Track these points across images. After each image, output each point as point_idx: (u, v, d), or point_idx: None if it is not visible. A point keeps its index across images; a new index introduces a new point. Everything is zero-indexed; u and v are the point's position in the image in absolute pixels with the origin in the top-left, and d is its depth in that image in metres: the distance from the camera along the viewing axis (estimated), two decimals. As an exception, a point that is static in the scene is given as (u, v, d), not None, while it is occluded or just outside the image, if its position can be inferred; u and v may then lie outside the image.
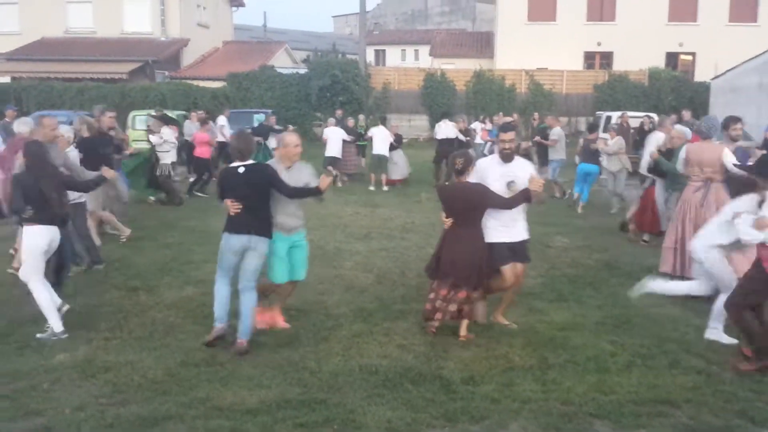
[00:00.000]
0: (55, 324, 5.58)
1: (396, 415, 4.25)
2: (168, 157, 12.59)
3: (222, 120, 17.17)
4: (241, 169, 5.42)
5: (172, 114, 18.14)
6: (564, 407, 4.38)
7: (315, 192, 5.56)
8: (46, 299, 5.60)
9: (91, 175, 6.87)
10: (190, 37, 32.86)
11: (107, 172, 6.26)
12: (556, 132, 14.15)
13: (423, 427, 4.12)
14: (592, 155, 12.22)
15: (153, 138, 12.59)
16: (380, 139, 15.49)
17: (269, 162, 5.83)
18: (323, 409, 4.32)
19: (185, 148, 15.85)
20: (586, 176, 12.38)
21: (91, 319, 6.08)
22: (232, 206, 5.35)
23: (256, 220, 5.40)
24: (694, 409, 4.38)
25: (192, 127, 15.25)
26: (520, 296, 6.93)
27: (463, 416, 4.25)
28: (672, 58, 32.56)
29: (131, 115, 21.06)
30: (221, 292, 5.53)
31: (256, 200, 5.40)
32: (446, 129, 15.99)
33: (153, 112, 15.90)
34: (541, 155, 14.76)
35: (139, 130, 18.71)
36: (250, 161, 5.51)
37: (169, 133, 12.78)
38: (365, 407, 4.36)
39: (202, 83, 27.95)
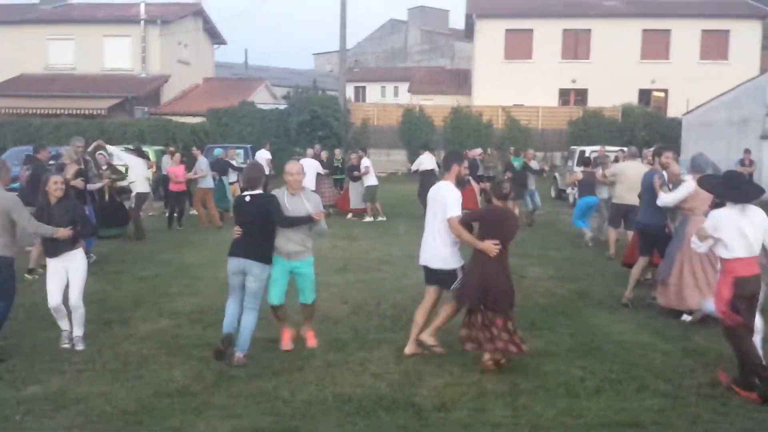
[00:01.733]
0: None
1: (368, 442, 4.28)
2: (135, 187, 12.64)
3: (263, 153, 18.62)
4: (248, 198, 5.88)
5: (149, 149, 18.20)
6: (534, 431, 4.45)
7: (307, 220, 5.86)
8: None
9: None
10: (171, 74, 33.11)
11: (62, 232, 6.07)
12: (534, 164, 14.65)
13: (394, 452, 4.16)
14: (590, 188, 12.32)
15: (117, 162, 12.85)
16: (371, 169, 15.84)
17: (275, 191, 6.09)
18: (295, 437, 4.34)
19: (163, 182, 15.89)
20: (588, 209, 12.51)
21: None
22: (235, 231, 5.88)
23: (253, 245, 5.79)
24: (660, 430, 4.47)
25: (170, 163, 15.31)
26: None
27: (434, 442, 4.30)
28: (645, 94, 33.40)
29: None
30: (230, 308, 5.94)
31: (256, 227, 5.79)
32: (429, 161, 16.27)
33: (131, 147, 16.02)
34: (515, 188, 15.08)
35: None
36: (258, 191, 5.91)
37: (137, 163, 12.83)
38: (337, 434, 4.39)
39: (181, 119, 28.08)
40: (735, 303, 5.18)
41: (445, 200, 5.81)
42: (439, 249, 5.91)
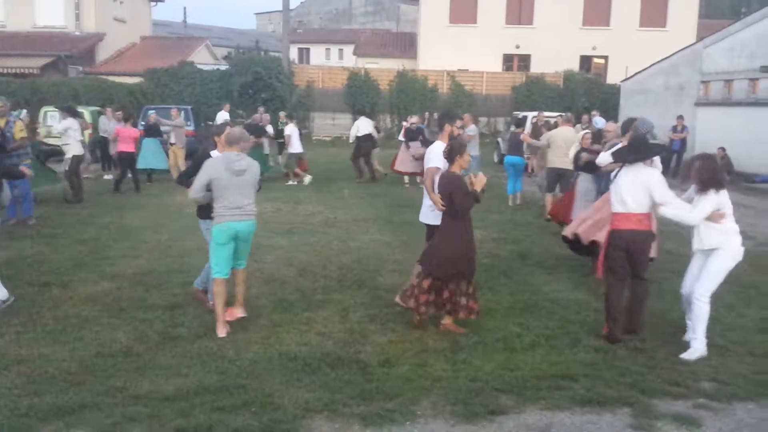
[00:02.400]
0: None
1: (314, 397, 4.38)
2: (71, 150, 12.20)
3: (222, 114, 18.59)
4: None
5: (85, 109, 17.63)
6: (472, 384, 4.64)
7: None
8: None
9: None
10: (106, 32, 31.78)
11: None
12: (473, 129, 14.63)
13: (339, 406, 4.27)
14: (517, 148, 12.75)
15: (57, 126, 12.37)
16: (296, 137, 15.71)
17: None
18: (241, 394, 4.40)
19: (100, 144, 15.44)
20: (512, 167, 12.90)
21: (3, 314, 5.92)
22: None
23: None
24: (590, 382, 4.72)
25: (107, 123, 14.82)
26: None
27: (378, 395, 4.43)
28: (586, 61, 34.00)
29: (42, 110, 20.28)
30: None
31: None
32: (365, 126, 16.29)
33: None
34: None
35: (51, 126, 18.25)
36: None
37: (71, 123, 12.29)
38: (283, 391, 4.48)
39: (118, 79, 27.14)
40: (610, 253, 5.60)
41: (430, 155, 6.14)
42: (426, 205, 6.17)
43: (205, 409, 4.17)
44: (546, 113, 19.65)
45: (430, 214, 6.13)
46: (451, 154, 5.68)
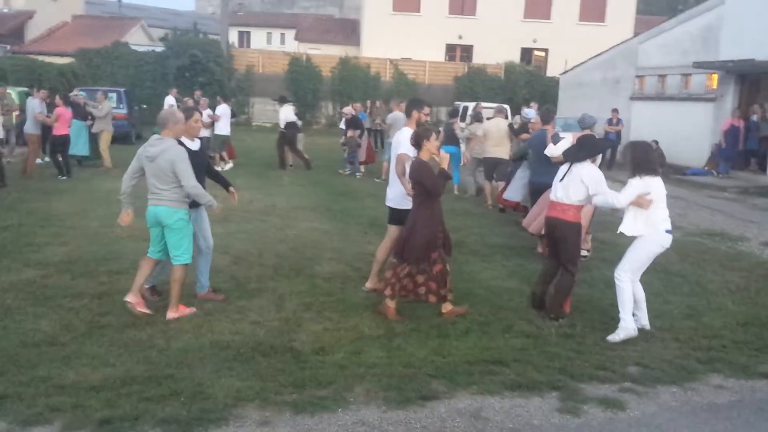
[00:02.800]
0: None
1: (245, 385, 4.32)
2: None
3: (170, 99, 18.73)
4: None
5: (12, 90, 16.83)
6: (405, 370, 4.66)
7: None
8: None
9: None
10: (36, 10, 30.52)
11: None
12: (392, 116, 14.75)
13: (271, 394, 4.22)
14: (453, 138, 12.87)
15: None
16: (226, 117, 15.53)
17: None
18: (170, 383, 4.30)
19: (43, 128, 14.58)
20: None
21: None
22: None
23: None
24: (521, 367, 4.81)
25: (35, 105, 14.13)
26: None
27: (311, 383, 4.40)
28: (527, 53, 34.61)
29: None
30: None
31: None
32: (289, 113, 16.16)
33: None
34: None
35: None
36: None
37: None
38: (214, 380, 4.39)
39: (48, 59, 26.06)
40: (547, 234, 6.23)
41: (399, 141, 6.23)
42: (395, 190, 6.24)
43: (132, 399, 4.06)
44: (484, 104, 19.94)
45: (401, 199, 6.20)
46: (417, 141, 5.75)
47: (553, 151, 7.85)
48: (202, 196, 5.56)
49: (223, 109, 15.47)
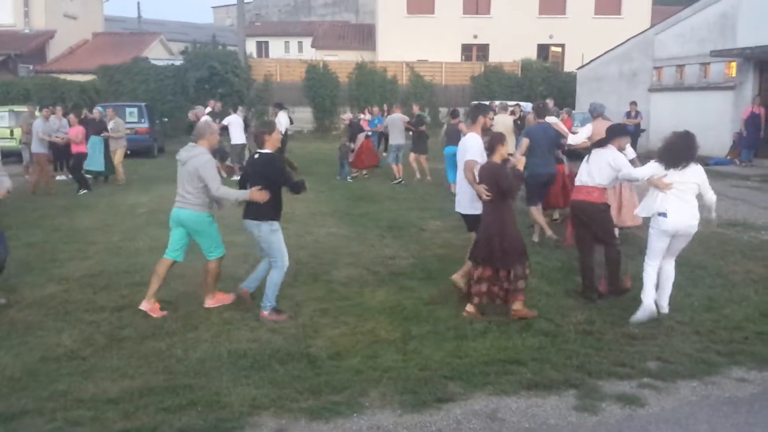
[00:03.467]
0: None
1: (261, 393, 4.35)
2: None
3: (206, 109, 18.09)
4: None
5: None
6: (421, 372, 4.65)
7: None
8: None
9: None
10: (57, 29, 31.02)
11: None
12: (391, 118, 15.03)
13: (287, 402, 4.24)
14: (456, 138, 12.84)
15: None
16: (238, 126, 15.47)
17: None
18: (188, 393, 4.35)
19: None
20: (453, 156, 12.99)
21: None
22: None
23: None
24: (538, 366, 4.77)
25: (38, 125, 13.93)
26: (391, 276, 7.23)
27: (326, 388, 4.42)
28: (543, 49, 34.35)
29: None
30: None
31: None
32: (286, 119, 16.46)
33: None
34: (416, 142, 15.15)
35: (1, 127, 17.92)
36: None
37: None
38: (231, 389, 4.43)
39: (70, 77, 26.51)
40: (574, 221, 6.56)
41: (466, 147, 6.39)
42: (466, 196, 6.42)
43: (150, 411, 4.11)
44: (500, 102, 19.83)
45: (471, 204, 6.37)
46: (492, 145, 5.98)
47: (576, 139, 8.48)
48: (231, 194, 5.90)
49: (233, 119, 15.51)
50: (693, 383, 4.56)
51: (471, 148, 6.32)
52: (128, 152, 15.86)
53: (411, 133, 15.17)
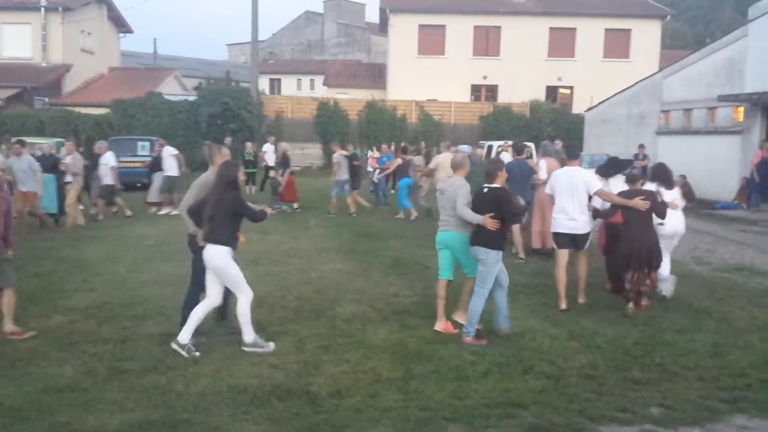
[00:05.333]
0: None
1: (260, 430, 4.34)
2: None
3: (266, 147, 19.44)
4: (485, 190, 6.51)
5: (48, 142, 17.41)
6: (422, 413, 4.62)
7: None
8: None
9: None
10: (74, 63, 31.71)
11: None
12: (335, 157, 16.00)
13: (285, 439, 4.22)
14: (405, 172, 15.50)
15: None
16: (174, 160, 15.46)
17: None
18: (186, 428, 4.34)
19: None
20: (407, 188, 15.36)
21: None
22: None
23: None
24: (540, 409, 4.73)
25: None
26: (394, 313, 7.22)
27: (325, 427, 4.40)
28: (552, 91, 34.70)
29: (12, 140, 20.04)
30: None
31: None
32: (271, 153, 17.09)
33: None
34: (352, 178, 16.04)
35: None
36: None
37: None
38: (230, 424, 4.42)
39: (84, 110, 26.96)
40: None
41: (586, 178, 7.56)
42: (583, 218, 7.54)
43: (148, 445, 4.10)
44: (510, 142, 19.98)
45: (588, 224, 7.65)
46: (491, 172, 6.61)
47: (541, 174, 10.36)
48: (471, 216, 6.36)
49: (168, 152, 15.49)
50: (695, 430, 4.50)
51: (592, 179, 7.62)
52: (139, 184, 16.00)
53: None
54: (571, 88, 34.96)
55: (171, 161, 15.21)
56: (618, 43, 34.67)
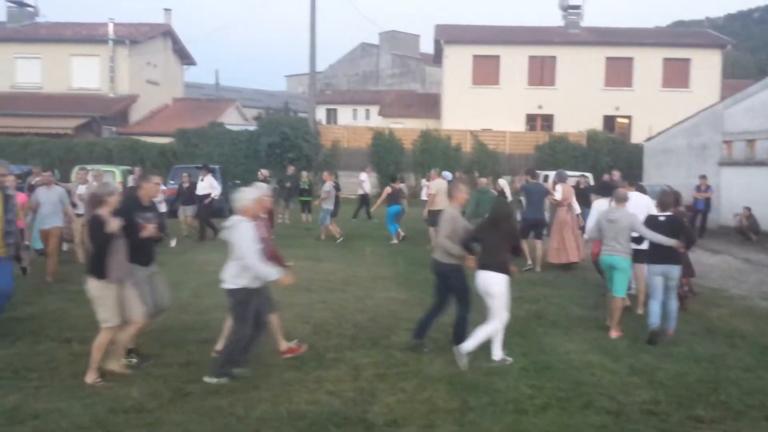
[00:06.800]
0: None
1: (318, 456, 4.39)
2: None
3: (363, 176, 20.81)
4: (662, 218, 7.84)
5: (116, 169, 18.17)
6: (479, 446, 4.61)
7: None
8: None
9: None
10: (140, 94, 33.06)
11: None
12: (326, 186, 16.45)
13: (343, 466, 4.27)
14: (396, 200, 16.31)
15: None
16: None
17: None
18: (247, 452, 4.43)
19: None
20: (395, 215, 16.26)
21: (24, 367, 6.07)
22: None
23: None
24: (599, 445, 4.66)
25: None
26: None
27: (382, 456, 4.43)
28: (609, 120, 34.23)
29: (75, 169, 20.96)
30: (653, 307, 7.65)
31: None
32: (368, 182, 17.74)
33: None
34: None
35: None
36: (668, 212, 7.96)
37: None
38: (289, 450, 4.49)
39: (149, 139, 28.01)
40: None
41: (639, 204, 8.75)
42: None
43: (210, 467, 4.20)
44: (568, 172, 19.77)
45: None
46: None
47: (557, 196, 12.31)
48: (661, 239, 7.55)
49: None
50: (765, 473, 4.36)
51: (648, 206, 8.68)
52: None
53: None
54: (629, 117, 34.41)
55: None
56: (677, 73, 34.04)
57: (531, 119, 34.83)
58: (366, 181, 20.60)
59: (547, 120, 34.50)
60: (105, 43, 32.30)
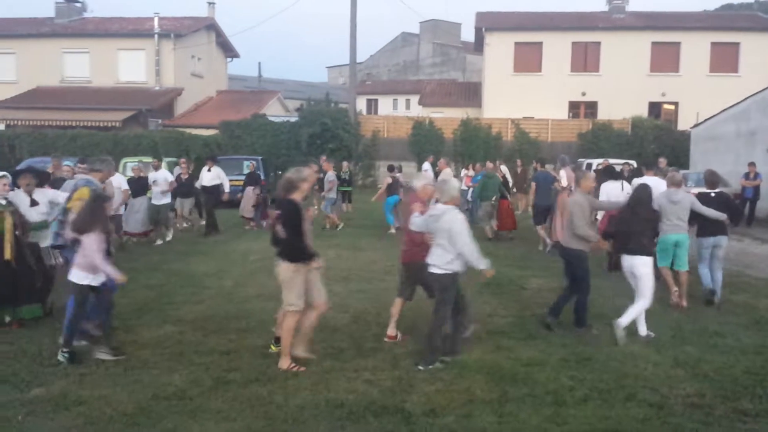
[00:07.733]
0: None
1: (355, 445, 4.42)
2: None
3: (425, 165, 20.35)
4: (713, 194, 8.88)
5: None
6: (517, 437, 4.57)
7: None
8: None
9: None
10: (184, 87, 33.60)
11: None
12: (329, 175, 16.30)
13: (380, 455, 4.29)
14: (395, 190, 15.80)
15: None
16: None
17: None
18: (286, 439, 4.49)
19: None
20: (393, 205, 15.93)
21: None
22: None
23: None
24: (641, 438, 4.57)
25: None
26: (489, 334, 7.17)
27: (419, 445, 4.43)
28: (655, 107, 33.39)
29: (123, 161, 21.46)
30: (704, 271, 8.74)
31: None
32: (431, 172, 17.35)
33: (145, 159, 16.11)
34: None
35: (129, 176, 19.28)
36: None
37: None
38: (327, 438, 4.53)
39: (194, 131, 28.49)
40: None
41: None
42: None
43: (250, 454, 4.27)
44: (611, 160, 19.40)
45: None
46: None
47: (563, 182, 12.33)
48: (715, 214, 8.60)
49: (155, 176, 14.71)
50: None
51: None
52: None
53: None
54: (675, 103, 33.50)
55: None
56: (725, 57, 32.96)
57: (574, 107, 34.22)
58: (429, 171, 19.58)
59: (591, 107, 33.85)
60: (151, 37, 32.92)
